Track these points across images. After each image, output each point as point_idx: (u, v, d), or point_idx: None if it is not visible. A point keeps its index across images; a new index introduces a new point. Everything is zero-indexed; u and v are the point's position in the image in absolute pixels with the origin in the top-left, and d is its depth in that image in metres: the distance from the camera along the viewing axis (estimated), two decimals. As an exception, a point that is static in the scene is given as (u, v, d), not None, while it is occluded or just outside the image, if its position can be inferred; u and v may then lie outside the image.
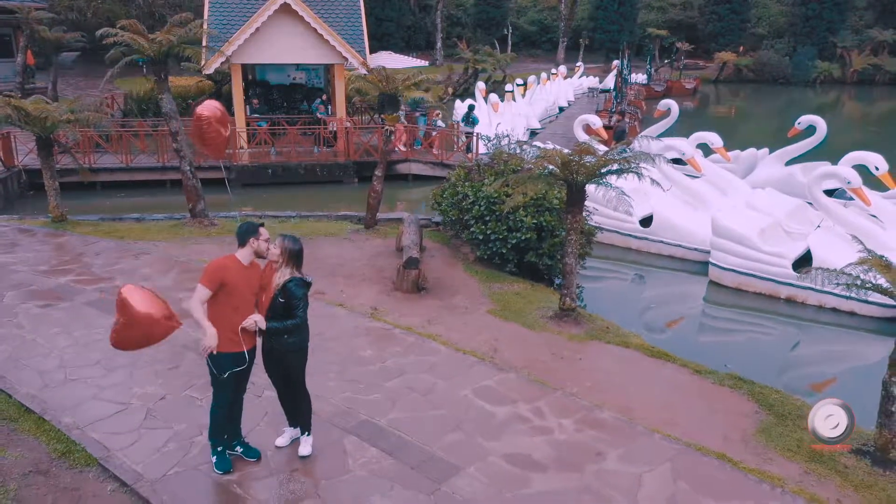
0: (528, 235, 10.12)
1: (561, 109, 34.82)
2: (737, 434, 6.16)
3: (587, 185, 8.16)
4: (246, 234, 4.93)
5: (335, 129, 19.81)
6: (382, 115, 11.95)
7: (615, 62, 44.22)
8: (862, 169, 12.42)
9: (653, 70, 50.16)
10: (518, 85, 28.92)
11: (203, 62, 18.93)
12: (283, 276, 4.96)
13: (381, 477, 5.24)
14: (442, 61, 54.12)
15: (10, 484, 5.05)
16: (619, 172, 7.95)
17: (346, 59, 19.61)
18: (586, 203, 8.67)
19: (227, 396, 5.10)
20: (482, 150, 20.32)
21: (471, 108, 21.78)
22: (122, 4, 36.77)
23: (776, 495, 5.22)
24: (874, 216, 11.84)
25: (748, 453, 5.84)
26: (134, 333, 4.82)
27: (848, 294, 6.22)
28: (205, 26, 19.83)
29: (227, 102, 26.34)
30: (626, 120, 23.87)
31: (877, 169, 12.18)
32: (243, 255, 4.95)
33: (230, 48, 18.51)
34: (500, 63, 44.62)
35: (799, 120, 16.54)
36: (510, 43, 59.15)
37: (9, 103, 11.15)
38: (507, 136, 12.24)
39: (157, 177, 18.08)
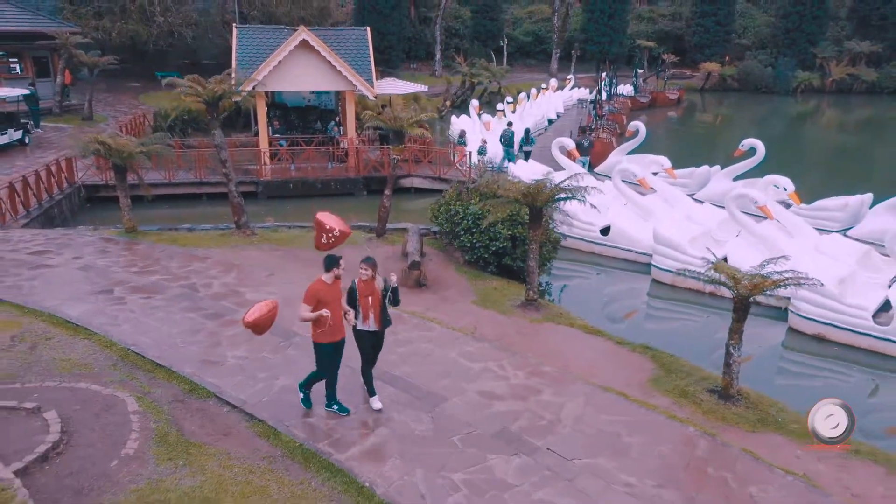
0: (505, 244, 13.12)
1: (550, 122, 37.64)
2: (635, 381, 9.13)
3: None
4: (331, 263, 7.45)
5: (346, 147, 22.78)
6: (391, 147, 14.89)
7: (604, 74, 47.03)
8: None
9: (640, 80, 53.08)
10: (508, 103, 31.70)
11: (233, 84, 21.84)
12: (379, 282, 7.60)
13: (397, 403, 8.18)
14: (441, 72, 57.00)
15: (163, 407, 7.99)
16: (566, 199, 10.91)
17: (356, 87, 22.57)
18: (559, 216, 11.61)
19: (327, 369, 7.68)
20: (477, 160, 23.37)
21: (462, 133, 24.47)
22: (144, 24, 39.55)
23: (647, 413, 8.18)
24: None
25: (639, 392, 8.81)
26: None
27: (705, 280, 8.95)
28: (233, 57, 22.88)
29: (247, 118, 29.45)
30: (590, 137, 26.78)
31: (785, 189, 15.15)
32: (327, 277, 7.48)
33: (258, 77, 21.45)
34: (494, 76, 47.56)
35: (742, 142, 19.48)
36: (506, 53, 62.13)
37: (96, 139, 14.11)
38: (492, 164, 15.10)
39: (195, 190, 21.06)
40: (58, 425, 7.18)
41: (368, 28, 25.05)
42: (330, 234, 8.01)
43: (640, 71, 51.41)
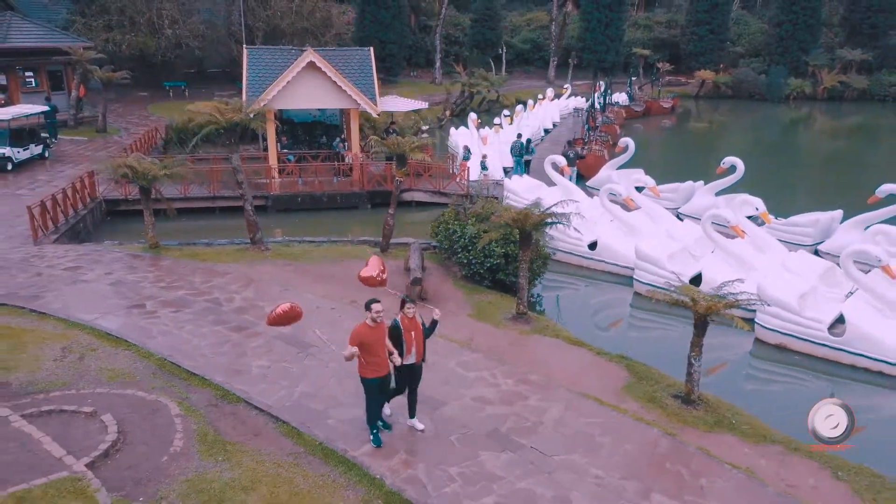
0: (499, 261, 14.40)
1: (546, 131, 38.89)
2: (610, 388, 10.41)
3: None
4: (367, 308, 8.32)
5: (351, 161, 24.07)
6: (394, 170, 16.16)
7: (600, 83, 48.30)
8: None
9: (636, 88, 54.38)
10: (505, 115, 32.96)
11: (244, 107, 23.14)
12: (421, 318, 8.62)
13: (403, 407, 9.44)
14: (441, 79, 58.24)
15: (200, 411, 9.26)
16: (552, 224, 12.19)
17: (360, 104, 23.84)
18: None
19: (376, 400, 8.61)
20: (473, 177, 24.68)
21: (466, 147, 25.76)
22: (152, 37, 40.84)
23: (618, 416, 9.46)
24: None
25: (613, 398, 10.08)
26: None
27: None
28: (244, 77, 24.15)
29: (255, 131, 30.67)
30: (577, 149, 28.12)
31: (756, 209, 16.44)
32: (368, 320, 8.12)
33: (268, 97, 22.71)
34: (493, 85, 48.88)
35: (723, 161, 20.74)
36: (504, 61, 63.48)
37: (124, 164, 15.39)
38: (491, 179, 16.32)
39: (209, 204, 22.31)
40: (114, 426, 8.47)
41: (371, 48, 26.28)
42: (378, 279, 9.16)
43: (633, 79, 52.62)
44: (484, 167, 25.01)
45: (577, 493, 7.80)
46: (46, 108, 27.89)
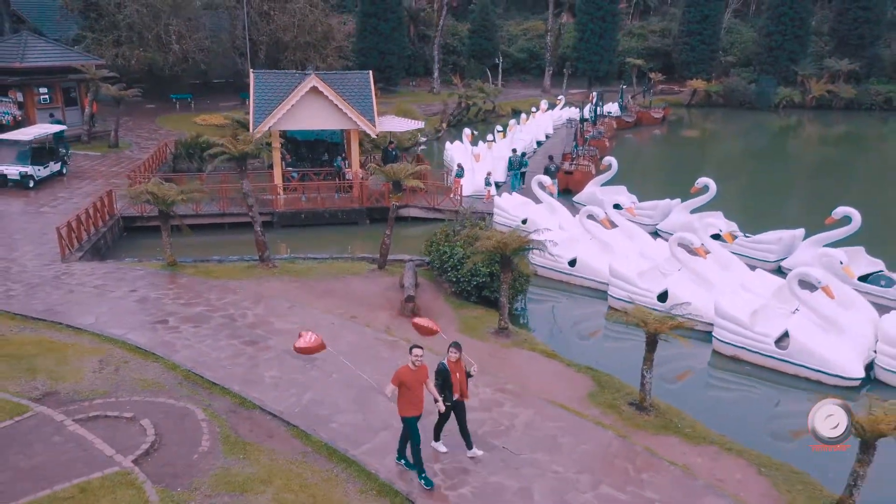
0: (485, 279, 16.01)
1: (539, 143, 40.38)
2: (576, 396, 12.00)
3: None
4: (410, 352, 9.55)
5: (351, 178, 25.68)
6: (391, 195, 17.74)
7: (593, 94, 49.82)
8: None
9: (628, 98, 55.95)
10: (498, 131, 34.49)
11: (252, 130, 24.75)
12: (465, 363, 9.86)
13: (395, 414, 11.00)
14: (439, 88, 59.91)
15: (222, 416, 10.85)
16: (529, 250, 13.79)
17: (359, 125, 25.43)
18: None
19: (418, 438, 9.35)
20: (467, 192, 26.31)
21: (459, 165, 27.39)
22: (160, 52, 42.43)
23: (579, 420, 11.05)
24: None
25: (577, 405, 11.68)
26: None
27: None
28: (251, 100, 25.73)
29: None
30: (558, 163, 29.74)
31: (721, 230, 18.02)
32: (410, 363, 9.11)
33: (273, 119, 24.31)
34: (489, 96, 50.51)
35: (697, 181, 22.29)
36: (501, 70, 65.09)
37: (146, 190, 17.00)
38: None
39: (219, 220, 23.90)
40: (152, 429, 10.06)
41: (370, 72, 27.88)
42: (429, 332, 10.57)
43: (624, 87, 54.12)
44: (487, 183, 26.70)
45: (538, 485, 9.40)
46: (62, 126, 29.42)
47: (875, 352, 14.05)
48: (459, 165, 27.37)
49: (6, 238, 19.77)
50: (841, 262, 15.73)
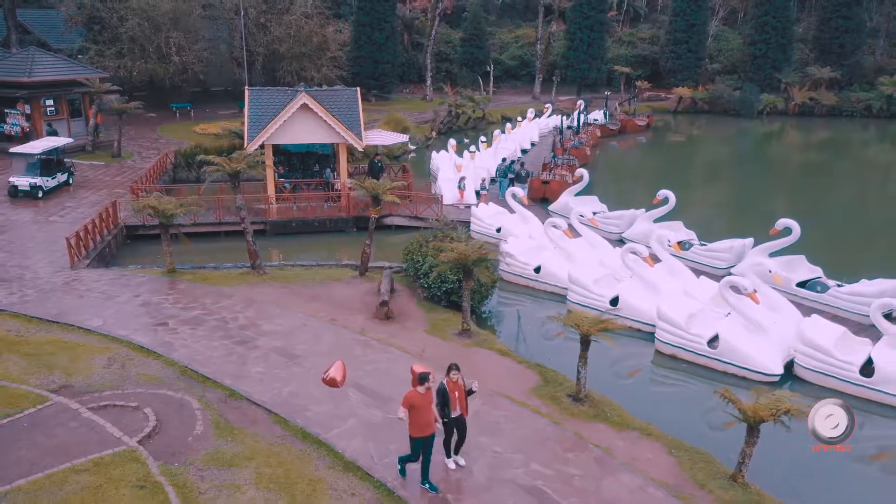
0: (453, 285, 17.78)
1: (524, 151, 42.11)
2: (522, 389, 13.78)
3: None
4: (424, 380, 10.75)
5: (339, 189, 27.47)
6: (371, 208, 19.53)
7: (580, 102, 51.58)
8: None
9: (615, 105, 57.76)
10: (482, 142, 36.22)
11: (246, 144, 26.51)
12: (467, 382, 11.24)
13: (364, 405, 12.79)
14: (432, 96, 61.68)
15: (214, 406, 12.63)
16: (487, 262, 15.57)
17: (347, 140, 27.21)
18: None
19: (417, 454, 10.26)
20: (448, 200, 28.12)
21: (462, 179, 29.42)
22: (161, 64, 44.21)
23: (521, 409, 12.82)
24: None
25: (522, 396, 13.45)
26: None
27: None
28: (246, 115, 27.50)
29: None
30: (524, 170, 31.60)
31: (669, 241, 19.81)
32: (420, 388, 10.10)
33: (266, 134, 26.08)
34: (478, 105, 52.30)
35: (658, 193, 24.06)
36: (492, 77, 66.86)
37: (148, 204, 18.79)
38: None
39: (215, 229, 25.66)
40: (154, 417, 11.84)
41: (358, 88, 29.67)
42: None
43: (608, 94, 55.82)
44: (461, 186, 28.70)
45: (479, 464, 11.17)
46: (69, 139, 31.18)
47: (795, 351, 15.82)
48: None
49: (20, 246, 21.57)
50: (770, 271, 17.49)
